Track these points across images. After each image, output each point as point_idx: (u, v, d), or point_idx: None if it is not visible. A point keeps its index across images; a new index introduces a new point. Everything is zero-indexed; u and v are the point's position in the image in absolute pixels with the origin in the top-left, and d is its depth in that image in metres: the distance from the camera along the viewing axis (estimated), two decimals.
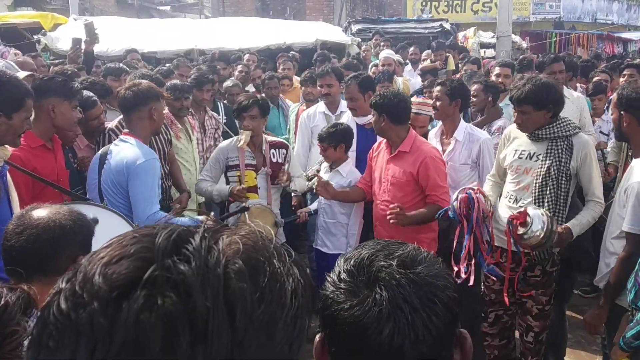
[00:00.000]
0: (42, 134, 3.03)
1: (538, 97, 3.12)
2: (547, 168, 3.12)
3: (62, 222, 1.67)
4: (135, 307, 0.53)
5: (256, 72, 6.90)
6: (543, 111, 3.14)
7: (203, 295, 0.55)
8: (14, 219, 1.71)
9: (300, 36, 9.85)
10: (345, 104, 4.59)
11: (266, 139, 4.09)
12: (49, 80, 3.10)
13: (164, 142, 4.06)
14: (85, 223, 1.75)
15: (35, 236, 1.63)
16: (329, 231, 4.01)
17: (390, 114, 3.49)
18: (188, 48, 9.15)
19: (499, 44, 11.93)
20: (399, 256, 0.96)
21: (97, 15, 17.94)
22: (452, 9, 19.22)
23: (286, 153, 4.12)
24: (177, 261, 0.57)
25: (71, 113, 3.11)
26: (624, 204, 2.84)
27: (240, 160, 3.98)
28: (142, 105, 3.10)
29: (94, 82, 4.25)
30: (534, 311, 3.25)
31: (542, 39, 17.67)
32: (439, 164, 3.52)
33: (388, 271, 0.92)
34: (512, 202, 3.31)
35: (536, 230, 2.88)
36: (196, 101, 4.81)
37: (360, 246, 1.03)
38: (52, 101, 3.00)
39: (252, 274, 0.58)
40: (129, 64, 5.58)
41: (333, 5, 21.50)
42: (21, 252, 1.62)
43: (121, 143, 3.09)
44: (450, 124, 3.89)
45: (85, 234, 1.73)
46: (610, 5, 22.39)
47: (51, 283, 1.56)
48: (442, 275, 0.95)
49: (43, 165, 2.95)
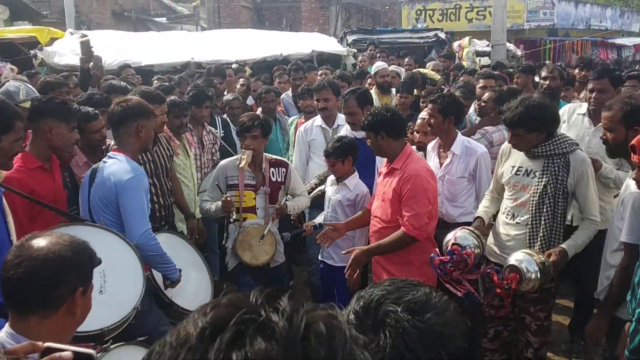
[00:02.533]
0: (40, 155, 3.02)
1: (530, 120, 3.09)
2: (544, 186, 3.10)
3: (61, 253, 1.62)
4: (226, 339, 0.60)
5: (257, 84, 6.95)
6: (536, 133, 3.12)
7: (288, 346, 0.60)
8: (13, 249, 1.66)
9: (297, 47, 9.89)
10: (342, 117, 4.62)
11: (266, 157, 4.09)
12: (47, 101, 3.10)
13: (167, 158, 4.06)
14: (86, 253, 1.70)
15: (33, 268, 1.58)
16: (336, 244, 3.98)
17: (388, 130, 3.42)
18: (185, 61, 9.18)
19: (493, 52, 12.01)
20: (408, 301, 0.93)
21: (93, 28, 17.98)
22: (446, 18, 19.33)
23: (286, 172, 4.13)
24: (269, 310, 0.63)
25: (68, 134, 3.10)
26: (621, 216, 2.85)
27: (240, 181, 3.98)
28: (129, 121, 3.10)
29: (93, 93, 4.24)
30: (532, 327, 3.23)
31: (537, 46, 17.76)
32: (422, 183, 3.31)
33: (395, 317, 0.91)
34: (510, 218, 3.30)
35: (532, 272, 2.85)
36: (195, 117, 4.82)
37: (375, 285, 1.02)
38: (50, 123, 3.00)
39: (330, 340, 0.63)
40: (125, 80, 5.57)
41: (328, 15, 21.61)
42: (19, 284, 1.57)
43: (109, 159, 3.08)
44: (447, 138, 3.89)
45: (86, 264, 1.69)
46: (603, 12, 22.56)
47: (49, 315, 1.58)
48: (452, 323, 0.93)
49: (41, 186, 2.93)
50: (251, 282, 4.02)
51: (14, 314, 1.62)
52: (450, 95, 4.16)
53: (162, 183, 3.92)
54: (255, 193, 4.00)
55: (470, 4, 19.33)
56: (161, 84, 5.50)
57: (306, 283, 5.44)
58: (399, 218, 3.32)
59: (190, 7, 28.46)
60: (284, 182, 4.10)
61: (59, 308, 1.60)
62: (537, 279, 2.86)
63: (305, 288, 5.46)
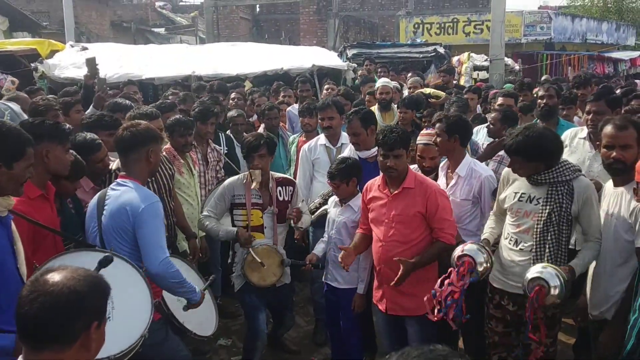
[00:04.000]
0: (39, 183, 2.89)
1: (528, 151, 3.11)
2: (548, 214, 3.10)
3: (77, 288, 1.59)
4: None
5: (261, 99, 6.95)
6: (534, 163, 3.13)
7: None
8: (28, 284, 1.64)
9: (297, 61, 9.90)
10: (346, 136, 4.63)
11: (273, 176, 4.10)
12: (39, 124, 2.94)
13: (168, 178, 4.05)
14: (101, 287, 1.68)
15: (48, 304, 1.56)
16: (340, 266, 4.00)
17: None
18: (185, 74, 9.18)
19: (492, 66, 12.08)
20: None
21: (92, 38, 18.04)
22: (444, 32, 19.43)
23: (293, 190, 4.14)
24: None
25: (64, 157, 2.99)
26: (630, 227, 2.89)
27: (247, 200, 3.98)
28: (139, 147, 3.01)
29: (103, 115, 4.17)
30: (539, 354, 3.18)
31: (534, 60, 17.88)
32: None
33: None
34: (513, 244, 3.28)
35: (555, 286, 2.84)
36: (200, 134, 4.81)
37: (403, 354, 1.02)
38: (45, 146, 2.86)
39: None
40: (128, 97, 5.57)
41: (327, 27, 21.73)
42: (34, 320, 1.56)
43: (119, 187, 2.98)
44: (453, 159, 3.90)
45: (101, 298, 1.67)
46: (599, 26, 22.73)
47: (64, 351, 1.57)
48: None
49: (43, 217, 2.83)
50: (256, 301, 4.01)
51: (28, 349, 1.60)
52: (456, 114, 4.17)
53: (166, 203, 3.89)
54: (262, 212, 3.99)
55: (468, 18, 19.46)
56: (162, 102, 5.50)
57: (308, 300, 5.42)
58: (435, 230, 3.44)
59: (188, 17, 28.61)
60: (291, 200, 4.11)
61: (74, 343, 1.59)
62: (561, 292, 2.83)
63: (307, 305, 5.45)
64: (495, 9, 12.13)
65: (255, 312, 4.02)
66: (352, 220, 3.93)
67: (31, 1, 22.00)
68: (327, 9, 22.14)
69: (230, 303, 5.23)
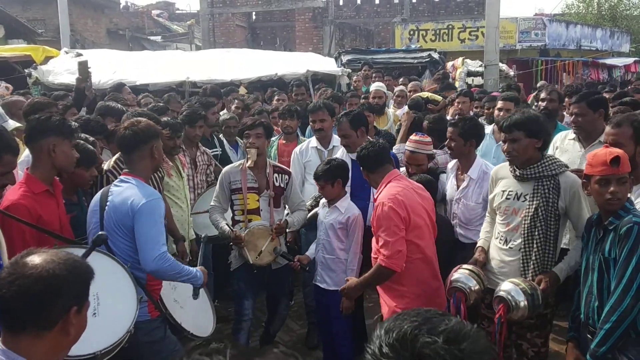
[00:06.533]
0: (44, 178, 2.91)
1: (529, 124, 3.13)
2: (534, 209, 3.09)
3: (56, 271, 1.57)
4: None
5: (256, 104, 6.97)
6: (534, 139, 3.13)
7: None
8: (7, 266, 1.62)
9: (292, 67, 9.92)
10: (338, 138, 4.62)
11: (270, 163, 4.20)
12: (47, 119, 2.99)
13: (158, 180, 4.03)
14: (82, 271, 1.65)
15: (27, 287, 1.53)
16: (329, 267, 3.98)
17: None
18: (180, 80, 9.19)
19: (486, 72, 12.10)
20: (443, 331, 0.94)
21: (88, 46, 18.06)
22: (439, 38, 19.53)
23: (288, 179, 4.21)
24: None
25: (71, 152, 3.02)
26: None
27: (243, 184, 4.05)
28: (142, 144, 3.01)
29: (89, 119, 4.19)
30: (529, 354, 3.20)
31: (529, 66, 17.96)
32: (386, 210, 3.21)
33: (433, 347, 0.92)
34: (502, 243, 3.27)
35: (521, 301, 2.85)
36: (188, 137, 4.80)
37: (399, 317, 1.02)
38: (52, 140, 2.91)
39: None
40: (116, 98, 5.56)
41: (322, 34, 21.80)
42: (12, 302, 1.53)
43: (122, 183, 2.99)
44: (466, 161, 3.91)
45: (82, 282, 1.64)
46: (594, 32, 22.88)
47: (43, 335, 1.55)
48: (487, 351, 0.94)
49: (47, 212, 2.84)
50: (243, 288, 4.13)
51: (6, 332, 1.58)
52: (471, 118, 4.18)
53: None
54: (258, 196, 4.07)
55: (463, 25, 19.56)
56: (155, 105, 5.49)
57: (300, 304, 5.39)
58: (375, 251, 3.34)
59: (185, 25, 28.69)
60: (286, 188, 4.17)
61: (53, 327, 1.56)
62: (525, 307, 2.85)
63: (299, 309, 5.42)
64: (489, 15, 12.18)
65: (241, 298, 4.15)
66: (339, 222, 3.92)
67: (27, 9, 22.06)
68: (323, 16, 22.24)
69: (222, 307, 5.20)
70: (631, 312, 2.52)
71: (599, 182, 2.67)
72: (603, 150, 2.75)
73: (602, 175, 2.65)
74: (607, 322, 2.56)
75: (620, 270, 2.56)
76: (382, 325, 1.01)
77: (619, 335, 2.54)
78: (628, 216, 2.61)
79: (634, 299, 2.51)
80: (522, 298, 2.84)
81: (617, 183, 2.63)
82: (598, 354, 2.59)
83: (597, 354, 2.59)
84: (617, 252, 2.60)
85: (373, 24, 25.53)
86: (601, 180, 2.66)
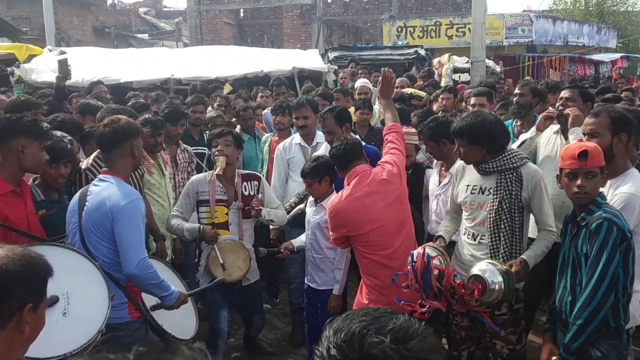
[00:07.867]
0: (11, 178, 2.87)
1: (471, 132, 3.11)
2: (499, 202, 3.08)
3: (9, 267, 1.51)
4: None
5: (236, 101, 6.91)
6: (477, 147, 3.12)
7: None
8: None
9: (278, 64, 9.88)
10: (321, 134, 4.60)
11: (238, 172, 4.07)
12: (18, 119, 2.95)
13: (138, 178, 3.97)
14: (38, 268, 1.59)
15: None
16: (318, 267, 3.95)
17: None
18: (165, 77, 9.11)
19: (473, 69, 12.12)
20: (391, 330, 0.93)
21: (73, 44, 17.88)
22: (427, 35, 19.54)
23: (258, 185, 4.09)
24: None
25: (40, 154, 2.97)
26: None
27: (211, 196, 3.93)
28: (123, 142, 2.94)
29: (64, 120, 4.11)
30: (504, 352, 3.14)
31: (516, 63, 18.03)
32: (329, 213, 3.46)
33: (381, 347, 0.90)
34: (471, 238, 3.25)
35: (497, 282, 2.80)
36: (169, 135, 4.71)
37: (348, 317, 1.00)
38: (22, 141, 2.87)
39: None
40: (98, 97, 5.48)
41: (310, 32, 21.74)
42: None
43: (101, 183, 2.92)
44: (448, 160, 3.91)
45: (38, 279, 1.58)
46: (581, 28, 22.99)
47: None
48: (435, 349, 0.93)
49: (14, 213, 2.79)
50: (219, 299, 3.96)
51: None
52: (432, 119, 4.15)
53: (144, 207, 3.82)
54: (227, 208, 3.94)
55: (450, 21, 19.59)
56: (137, 101, 5.42)
57: (285, 302, 5.36)
58: None
59: (172, 23, 28.51)
60: (257, 194, 4.05)
61: (6, 325, 1.51)
62: (500, 289, 2.81)
63: (284, 307, 5.39)
64: (476, 11, 12.19)
65: (217, 311, 3.97)
66: (325, 221, 3.85)
67: (12, 7, 21.83)
68: (311, 13, 22.17)
69: None
70: (603, 309, 2.53)
71: (568, 176, 2.70)
72: (575, 144, 2.76)
73: (571, 169, 2.67)
74: (579, 318, 2.57)
75: (592, 266, 2.57)
76: (331, 325, 0.99)
77: (591, 331, 2.56)
78: (599, 212, 2.61)
79: (605, 296, 2.53)
80: (499, 279, 2.81)
81: (585, 177, 2.63)
82: (571, 349, 2.60)
83: (570, 349, 2.61)
84: (588, 248, 2.60)
85: (361, 20, 25.53)
86: (570, 173, 2.69)
